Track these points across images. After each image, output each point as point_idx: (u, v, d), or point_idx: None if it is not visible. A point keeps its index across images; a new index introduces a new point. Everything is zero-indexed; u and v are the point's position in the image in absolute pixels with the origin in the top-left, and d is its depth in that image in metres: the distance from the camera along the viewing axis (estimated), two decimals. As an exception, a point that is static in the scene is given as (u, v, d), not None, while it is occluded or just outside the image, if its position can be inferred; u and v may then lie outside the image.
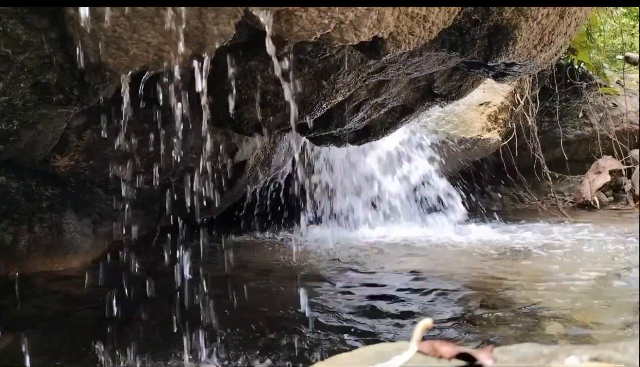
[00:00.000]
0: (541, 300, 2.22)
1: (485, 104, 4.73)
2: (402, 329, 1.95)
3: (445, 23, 1.66)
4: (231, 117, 2.06)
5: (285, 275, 2.80)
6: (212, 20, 1.26)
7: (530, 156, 5.31)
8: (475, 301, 2.25)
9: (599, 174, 5.39)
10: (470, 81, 2.53)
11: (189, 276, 1.85)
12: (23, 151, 2.11)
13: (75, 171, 2.43)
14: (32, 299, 2.30)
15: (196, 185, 1.94)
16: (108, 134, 2.04)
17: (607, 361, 0.55)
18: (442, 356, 0.60)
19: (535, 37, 1.91)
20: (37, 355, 1.69)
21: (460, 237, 3.81)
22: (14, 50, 1.35)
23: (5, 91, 1.47)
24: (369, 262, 3.09)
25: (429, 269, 2.90)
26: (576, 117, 5.90)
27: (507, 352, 0.60)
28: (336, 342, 1.81)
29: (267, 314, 2.07)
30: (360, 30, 1.41)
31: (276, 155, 3.39)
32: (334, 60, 1.94)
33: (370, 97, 2.41)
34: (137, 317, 1.90)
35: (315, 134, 2.68)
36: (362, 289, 2.50)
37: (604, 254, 3.16)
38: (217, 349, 1.69)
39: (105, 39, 1.27)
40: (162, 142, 2.24)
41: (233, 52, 1.73)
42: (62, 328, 1.96)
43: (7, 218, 2.54)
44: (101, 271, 2.38)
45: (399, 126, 2.90)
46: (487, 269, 2.86)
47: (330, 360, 0.67)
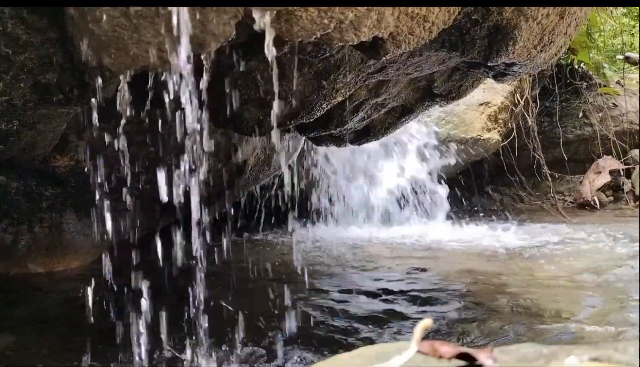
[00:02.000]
0: (541, 300, 2.22)
1: (485, 104, 4.73)
2: (401, 329, 1.95)
3: (445, 23, 1.66)
4: (231, 117, 2.06)
5: (284, 275, 2.80)
6: (212, 20, 1.26)
7: (530, 156, 5.32)
8: (474, 300, 2.26)
9: (599, 174, 5.39)
10: (470, 81, 2.53)
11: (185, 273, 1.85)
12: (23, 151, 2.11)
13: (75, 171, 2.44)
14: (32, 299, 2.30)
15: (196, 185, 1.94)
16: (108, 134, 2.04)
17: (607, 361, 0.55)
18: (442, 356, 0.60)
19: (535, 37, 1.91)
20: (37, 355, 1.70)
21: (459, 237, 3.81)
22: (14, 50, 1.35)
23: (5, 91, 1.47)
24: (365, 262, 3.09)
25: (428, 268, 2.90)
26: (576, 117, 5.90)
27: (507, 352, 0.60)
28: (336, 342, 1.82)
29: (266, 314, 2.07)
30: (360, 30, 1.41)
31: (276, 155, 3.39)
32: (334, 60, 1.94)
33: (370, 97, 2.41)
34: (136, 316, 1.89)
35: (315, 134, 2.68)
36: (361, 290, 2.50)
37: (604, 254, 3.16)
38: (217, 349, 1.69)
39: (105, 39, 1.27)
40: (162, 142, 2.24)
41: (233, 52, 1.74)
42: (62, 328, 1.96)
43: (7, 218, 2.55)
44: (101, 270, 2.38)
45: (399, 126, 2.90)
46: (486, 269, 2.86)
47: (330, 360, 0.67)
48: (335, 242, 3.67)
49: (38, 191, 2.54)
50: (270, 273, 2.83)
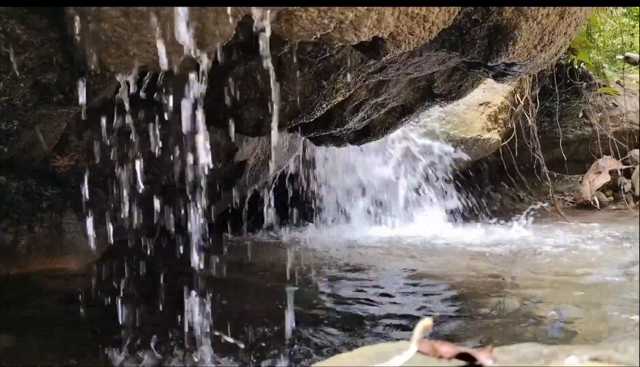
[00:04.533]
0: (541, 300, 2.22)
1: (485, 104, 4.73)
2: (401, 329, 1.95)
3: (445, 23, 1.66)
4: (231, 117, 2.06)
5: (283, 275, 2.80)
6: (212, 20, 1.26)
7: (530, 156, 5.31)
8: (474, 300, 2.26)
9: (598, 174, 5.39)
10: (470, 81, 2.53)
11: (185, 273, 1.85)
12: (23, 151, 2.11)
13: (75, 171, 2.43)
14: (32, 299, 2.30)
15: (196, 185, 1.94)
16: (108, 134, 2.04)
17: (607, 361, 0.55)
18: (442, 356, 0.60)
19: (535, 37, 1.91)
20: (37, 355, 1.70)
21: (458, 237, 3.81)
22: (14, 50, 1.35)
23: (5, 91, 1.47)
24: (363, 262, 3.09)
25: (426, 268, 2.90)
26: (576, 117, 5.90)
27: (507, 352, 0.61)
28: (336, 342, 1.81)
29: (266, 314, 2.07)
30: (360, 30, 1.41)
31: (275, 155, 3.39)
32: (334, 60, 1.94)
33: (370, 97, 2.41)
34: (136, 316, 1.89)
35: (315, 134, 2.68)
36: (360, 289, 2.50)
37: (604, 254, 3.17)
38: (217, 349, 1.68)
39: (105, 39, 1.27)
40: (162, 142, 2.24)
41: (233, 52, 1.74)
42: (62, 328, 1.95)
43: (7, 218, 2.55)
44: (101, 270, 2.38)
45: (399, 126, 2.91)
46: (486, 269, 2.86)
47: (330, 360, 0.67)
48: (334, 243, 3.67)
49: (38, 191, 2.53)
50: (270, 273, 2.83)
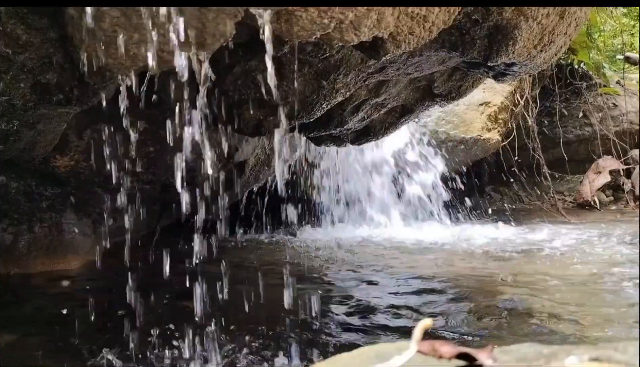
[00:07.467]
0: (540, 300, 2.22)
1: (485, 104, 4.73)
2: (401, 329, 1.95)
3: (445, 23, 1.66)
4: (231, 117, 2.06)
5: (282, 274, 2.80)
6: (212, 20, 1.26)
7: (530, 156, 5.31)
8: (473, 301, 2.25)
9: (599, 174, 5.39)
10: (470, 81, 2.53)
11: (188, 274, 1.85)
12: (23, 151, 2.11)
13: (75, 171, 2.44)
14: (32, 299, 2.30)
15: (196, 185, 1.94)
16: (108, 133, 2.04)
17: (607, 361, 0.55)
18: (442, 356, 0.60)
19: (535, 37, 1.91)
20: (37, 355, 1.69)
21: (458, 238, 3.81)
22: (14, 50, 1.35)
23: (5, 91, 1.47)
24: (363, 262, 3.09)
25: (426, 269, 2.90)
26: (576, 117, 5.90)
27: (507, 352, 0.60)
28: (336, 342, 1.81)
29: (265, 314, 2.07)
30: (360, 30, 1.41)
31: (276, 156, 3.39)
32: (334, 60, 1.94)
33: (370, 97, 2.41)
34: (136, 316, 1.89)
35: (315, 134, 2.68)
36: (359, 289, 2.50)
37: (604, 254, 3.16)
38: (217, 349, 1.68)
39: (105, 39, 1.27)
40: (162, 142, 2.24)
41: (233, 52, 1.73)
42: (62, 328, 1.95)
43: (7, 218, 2.55)
44: (101, 270, 2.38)
45: (399, 126, 2.91)
46: (486, 269, 2.86)
47: (330, 360, 0.67)
48: (333, 243, 3.67)
49: (38, 191, 2.54)
50: (270, 273, 2.83)
